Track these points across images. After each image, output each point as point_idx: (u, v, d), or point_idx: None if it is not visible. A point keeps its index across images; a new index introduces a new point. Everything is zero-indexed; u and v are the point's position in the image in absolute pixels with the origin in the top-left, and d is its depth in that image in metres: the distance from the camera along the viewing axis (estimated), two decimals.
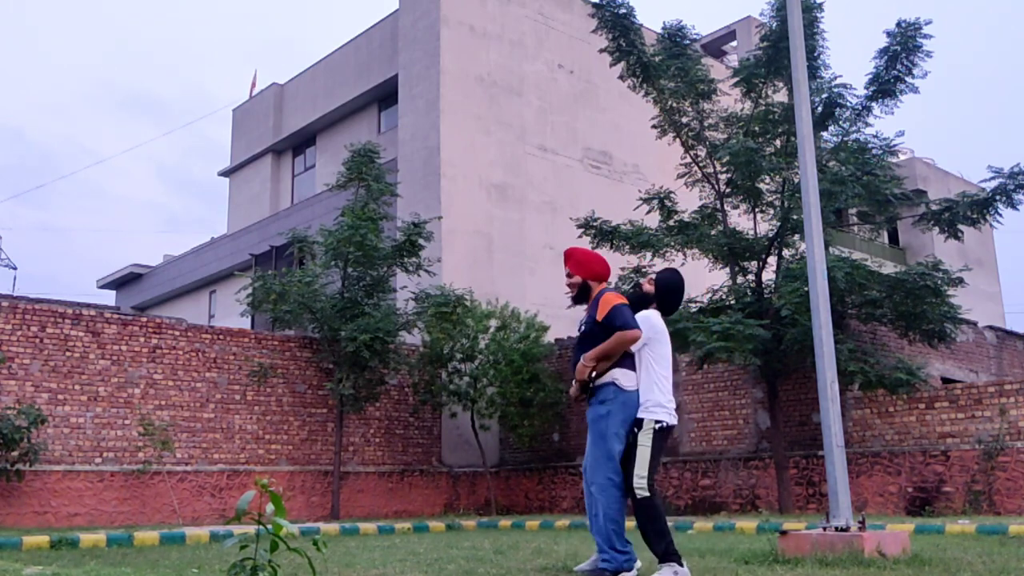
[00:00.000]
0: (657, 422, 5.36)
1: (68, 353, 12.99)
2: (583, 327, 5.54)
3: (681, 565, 5.16)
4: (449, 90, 19.46)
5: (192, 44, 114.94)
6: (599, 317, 5.35)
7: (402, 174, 18.90)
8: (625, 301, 5.40)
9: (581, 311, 15.29)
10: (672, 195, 14.93)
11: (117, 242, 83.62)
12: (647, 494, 5.26)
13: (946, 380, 15.06)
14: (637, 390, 5.32)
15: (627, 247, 14.73)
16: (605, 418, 5.25)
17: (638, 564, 5.24)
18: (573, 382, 5.45)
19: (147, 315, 16.98)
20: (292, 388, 15.15)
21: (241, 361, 14.59)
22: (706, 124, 14.57)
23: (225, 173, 28.56)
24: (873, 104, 13.75)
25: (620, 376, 5.29)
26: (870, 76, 13.68)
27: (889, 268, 15.54)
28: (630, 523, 5.30)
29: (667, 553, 5.16)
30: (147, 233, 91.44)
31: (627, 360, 5.36)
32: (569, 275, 5.77)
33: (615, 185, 21.72)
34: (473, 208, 19.26)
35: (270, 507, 3.06)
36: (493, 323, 16.33)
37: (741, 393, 14.86)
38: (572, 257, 5.79)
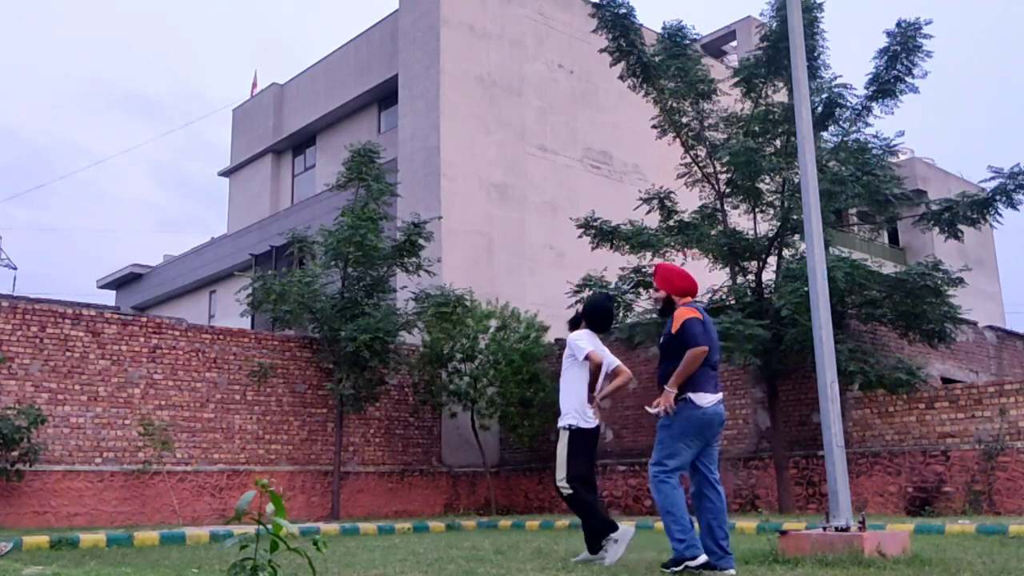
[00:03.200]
0: (568, 427, 6.50)
1: (68, 353, 12.99)
2: (662, 339, 5.92)
3: (615, 529, 6.27)
4: (449, 90, 19.46)
5: (187, 44, 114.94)
6: (673, 330, 5.73)
7: (402, 174, 18.89)
8: (696, 315, 5.71)
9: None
10: (672, 195, 14.94)
11: (113, 242, 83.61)
12: (569, 491, 6.38)
13: (946, 380, 15.05)
14: (705, 409, 5.62)
15: (627, 247, 14.73)
16: (666, 427, 5.67)
17: (703, 557, 5.51)
18: (659, 403, 5.71)
19: (147, 315, 16.97)
20: (292, 388, 15.15)
21: (241, 361, 14.59)
22: (706, 124, 14.57)
23: (225, 173, 28.57)
24: (873, 104, 13.75)
25: (692, 395, 5.61)
26: (870, 76, 13.68)
27: (889, 268, 15.54)
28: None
29: (605, 531, 6.30)
30: (144, 233, 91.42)
31: (699, 377, 5.63)
32: (656, 289, 6.11)
33: (615, 185, 21.71)
34: (473, 208, 19.26)
35: (270, 507, 3.06)
36: (493, 323, 16.33)
37: (741, 393, 14.85)
38: (658, 273, 6.12)
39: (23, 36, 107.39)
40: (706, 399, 5.61)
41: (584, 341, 6.70)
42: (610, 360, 6.82)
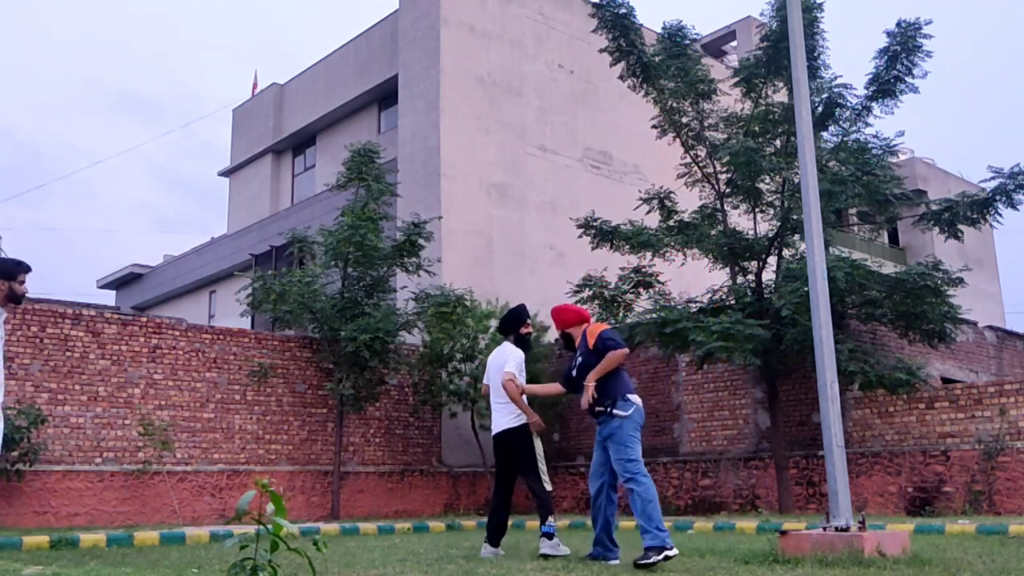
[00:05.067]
0: None
1: (68, 353, 12.99)
2: (579, 360, 6.46)
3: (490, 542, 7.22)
4: (449, 90, 19.46)
5: (186, 44, 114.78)
6: (591, 346, 6.32)
7: (402, 174, 18.89)
8: (607, 325, 6.56)
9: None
10: (672, 195, 14.93)
11: (112, 242, 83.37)
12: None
13: (946, 380, 15.06)
14: (639, 406, 6.25)
15: (627, 247, 14.73)
16: (618, 429, 6.15)
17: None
18: (584, 402, 6.34)
19: (147, 315, 16.98)
20: (292, 388, 15.14)
21: (241, 361, 14.59)
22: (706, 124, 14.57)
23: (225, 173, 28.57)
24: (873, 104, 13.76)
25: (629, 395, 6.24)
26: (870, 76, 13.69)
27: (889, 268, 15.55)
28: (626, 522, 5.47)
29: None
30: (142, 233, 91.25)
31: (627, 383, 6.34)
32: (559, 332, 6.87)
33: (615, 185, 21.71)
34: (473, 208, 19.26)
35: (270, 507, 3.06)
36: (493, 323, 16.31)
37: (741, 393, 14.86)
38: (552, 317, 6.83)
39: (21, 36, 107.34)
40: (637, 399, 6.26)
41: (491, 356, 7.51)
42: (501, 374, 7.13)
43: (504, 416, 7.09)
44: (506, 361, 7.07)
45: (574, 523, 12.19)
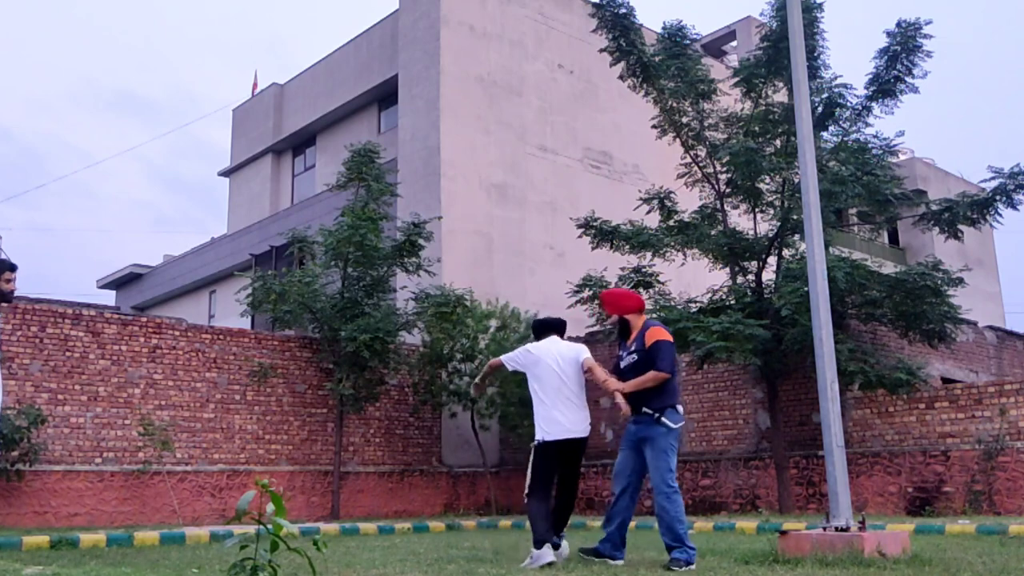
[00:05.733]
0: (535, 441, 6.57)
1: (68, 353, 12.99)
2: (632, 356, 6.34)
3: (538, 548, 6.25)
4: (449, 90, 19.46)
5: (186, 44, 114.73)
6: (647, 345, 6.24)
7: (402, 174, 18.90)
8: (670, 338, 6.27)
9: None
10: (672, 195, 14.93)
11: (110, 242, 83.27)
12: (527, 500, 6.57)
13: (946, 380, 15.06)
14: (682, 416, 6.30)
15: (627, 247, 14.73)
16: (665, 436, 6.17)
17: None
18: (622, 403, 6.35)
19: (147, 315, 16.98)
20: (292, 388, 15.15)
21: (241, 361, 14.59)
22: (706, 124, 14.57)
23: (225, 173, 28.58)
24: (873, 104, 13.77)
25: (679, 406, 6.27)
26: (870, 76, 13.70)
27: (889, 268, 15.54)
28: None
29: (536, 541, 6.32)
30: (140, 233, 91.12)
31: (678, 390, 6.35)
32: (607, 316, 6.76)
33: (615, 185, 21.71)
34: (473, 208, 19.26)
35: (270, 507, 3.06)
36: (493, 323, 16.33)
37: (741, 393, 14.86)
38: (604, 300, 6.73)
39: (19, 35, 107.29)
40: (682, 409, 6.35)
41: (532, 349, 6.90)
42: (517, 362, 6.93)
43: (583, 422, 6.61)
44: (579, 352, 6.73)
45: (575, 523, 12.19)
